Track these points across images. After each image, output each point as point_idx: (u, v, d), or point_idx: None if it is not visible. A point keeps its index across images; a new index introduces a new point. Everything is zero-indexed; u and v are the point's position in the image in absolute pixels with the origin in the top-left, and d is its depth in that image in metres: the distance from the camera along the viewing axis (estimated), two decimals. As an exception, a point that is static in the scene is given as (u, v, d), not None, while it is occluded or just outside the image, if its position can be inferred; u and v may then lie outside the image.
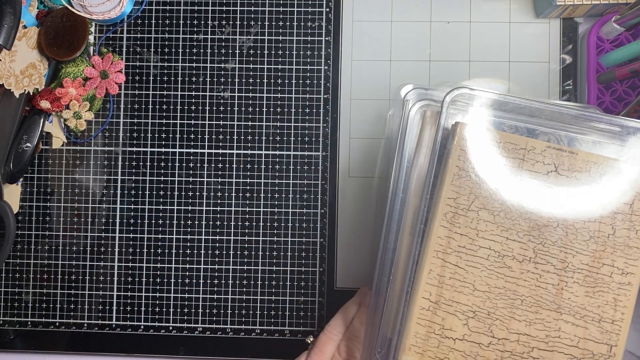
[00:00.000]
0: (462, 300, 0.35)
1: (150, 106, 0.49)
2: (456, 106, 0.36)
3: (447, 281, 0.35)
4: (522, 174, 0.35)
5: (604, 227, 0.35)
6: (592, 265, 0.35)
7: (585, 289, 0.35)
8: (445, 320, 0.34)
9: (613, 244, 0.35)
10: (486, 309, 0.35)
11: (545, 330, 0.34)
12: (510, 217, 0.35)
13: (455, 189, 0.35)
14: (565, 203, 0.35)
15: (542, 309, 0.35)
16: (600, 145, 0.36)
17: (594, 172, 0.35)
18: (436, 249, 0.35)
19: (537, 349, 0.34)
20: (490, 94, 0.35)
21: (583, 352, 0.34)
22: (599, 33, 0.47)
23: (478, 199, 0.35)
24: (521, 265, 0.35)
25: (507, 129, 0.36)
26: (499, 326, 0.34)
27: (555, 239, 0.35)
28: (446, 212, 0.35)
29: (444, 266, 0.35)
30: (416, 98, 0.38)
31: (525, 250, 0.35)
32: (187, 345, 0.48)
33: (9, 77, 0.44)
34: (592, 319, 0.34)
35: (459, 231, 0.35)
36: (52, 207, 0.49)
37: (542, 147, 0.35)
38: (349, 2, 0.49)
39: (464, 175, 0.35)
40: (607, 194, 0.35)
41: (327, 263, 0.48)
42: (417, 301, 0.34)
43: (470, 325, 0.34)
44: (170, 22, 0.49)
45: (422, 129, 0.37)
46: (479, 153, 0.35)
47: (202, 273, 0.48)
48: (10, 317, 0.48)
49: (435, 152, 0.35)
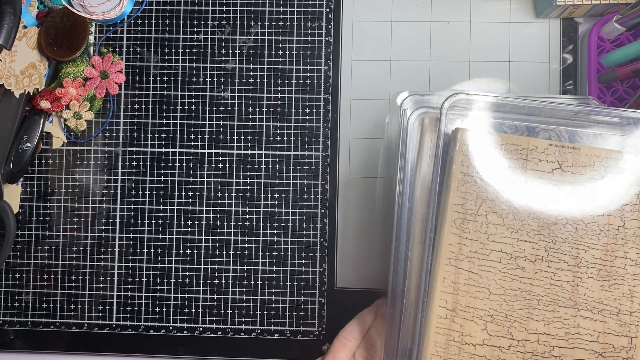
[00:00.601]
0: (478, 306, 0.34)
1: (150, 106, 0.49)
2: (455, 111, 0.36)
3: (462, 288, 0.34)
4: (526, 174, 0.35)
5: (613, 220, 0.35)
6: (605, 258, 0.35)
7: (601, 283, 0.34)
8: (463, 326, 0.34)
9: (624, 236, 0.35)
10: (503, 311, 0.34)
11: (564, 327, 0.34)
12: (519, 218, 0.35)
13: (461, 195, 0.35)
14: (573, 199, 0.35)
15: (559, 307, 0.34)
16: (602, 137, 0.36)
17: (598, 165, 0.35)
18: (448, 257, 0.35)
19: (558, 347, 0.34)
20: (487, 97, 0.35)
21: (604, 346, 0.34)
22: (600, 33, 0.47)
23: (485, 203, 0.35)
24: (534, 265, 0.35)
25: (508, 129, 0.36)
26: (517, 328, 0.34)
27: (565, 236, 0.35)
28: (455, 218, 0.35)
29: (457, 273, 0.35)
30: (413, 106, 0.38)
31: (537, 249, 0.35)
32: (187, 345, 0.48)
33: (9, 77, 0.44)
34: (610, 312, 0.34)
35: (469, 237, 0.35)
36: (52, 207, 0.49)
37: (544, 145, 0.35)
38: (349, 2, 0.49)
39: (468, 180, 0.35)
40: (614, 186, 0.35)
41: (327, 263, 0.48)
42: (434, 310, 0.34)
43: (489, 330, 0.34)
44: (170, 22, 0.49)
45: (421, 137, 0.37)
46: (481, 157, 0.35)
47: (202, 273, 0.48)
48: (10, 317, 0.48)
49: (438, 160, 0.35)
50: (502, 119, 0.36)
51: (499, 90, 0.48)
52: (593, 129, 0.36)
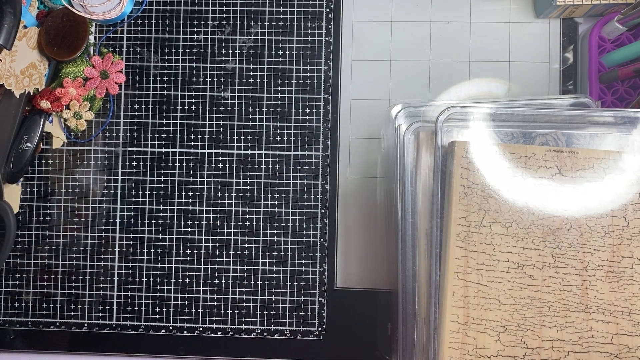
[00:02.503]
0: (490, 317, 0.34)
1: (150, 106, 0.49)
2: (450, 123, 0.36)
3: (472, 301, 0.34)
4: (527, 182, 0.35)
5: (617, 221, 0.35)
6: (612, 260, 0.35)
7: (610, 285, 0.34)
8: (477, 339, 0.34)
9: (629, 236, 0.35)
10: (515, 321, 0.34)
11: (577, 332, 0.34)
12: (523, 227, 0.35)
13: (463, 208, 0.35)
14: (575, 203, 0.35)
15: (570, 312, 0.34)
16: (599, 137, 0.36)
17: (597, 168, 0.35)
18: (456, 271, 0.35)
19: (573, 352, 0.34)
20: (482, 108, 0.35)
21: (619, 347, 0.34)
22: (601, 33, 0.47)
23: (488, 214, 0.35)
24: (542, 272, 0.35)
25: (504, 137, 0.36)
26: (530, 336, 0.34)
27: (571, 241, 0.35)
28: (459, 232, 0.35)
29: (466, 286, 0.35)
30: (408, 120, 0.38)
31: (544, 256, 0.35)
32: (187, 345, 0.48)
33: (9, 77, 0.44)
34: (622, 313, 0.34)
35: (475, 249, 0.35)
36: (52, 207, 0.49)
37: (542, 152, 0.35)
38: (349, 2, 0.49)
39: (470, 192, 0.35)
40: (615, 187, 0.35)
41: (327, 263, 0.48)
42: (446, 325, 0.34)
43: (503, 340, 0.34)
44: (170, 22, 0.49)
45: (418, 151, 0.37)
46: (481, 168, 0.35)
47: (202, 273, 0.48)
48: (10, 317, 0.48)
49: (437, 174, 0.35)
50: (498, 128, 0.36)
51: (499, 91, 0.48)
52: (589, 129, 0.36)
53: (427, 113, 0.39)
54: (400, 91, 0.48)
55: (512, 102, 0.43)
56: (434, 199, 0.35)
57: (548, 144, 0.36)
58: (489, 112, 0.35)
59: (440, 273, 0.35)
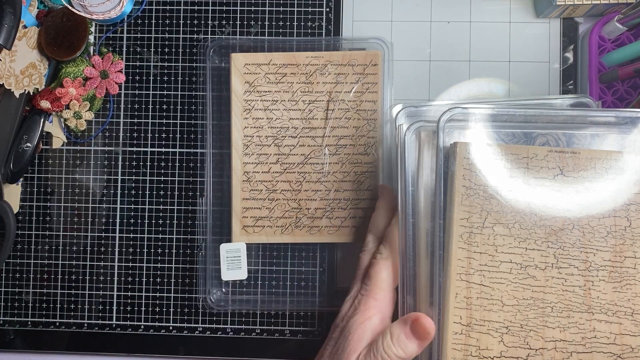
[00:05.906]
0: (493, 318, 0.34)
1: (150, 106, 0.49)
2: (452, 124, 0.36)
3: (474, 302, 0.34)
4: (529, 183, 0.35)
5: (619, 221, 0.35)
6: (615, 260, 0.35)
7: (612, 285, 0.34)
8: (480, 340, 0.34)
9: (631, 236, 0.35)
10: (518, 322, 0.34)
11: (580, 332, 0.34)
12: (525, 227, 0.35)
13: (466, 209, 0.35)
14: (577, 203, 0.35)
15: (573, 312, 0.34)
16: (600, 137, 0.36)
17: (599, 168, 0.35)
18: (458, 272, 0.34)
19: (576, 353, 0.34)
20: (483, 109, 0.35)
21: (622, 347, 0.34)
22: (601, 32, 0.47)
23: (490, 215, 0.35)
24: (545, 272, 0.35)
25: (505, 136, 0.36)
26: (534, 337, 0.34)
27: (573, 241, 0.35)
28: (461, 233, 0.35)
29: (469, 287, 0.34)
30: (409, 120, 0.38)
31: (546, 257, 0.35)
32: (187, 345, 0.48)
33: (9, 77, 0.44)
34: (625, 313, 0.34)
35: (477, 250, 0.35)
36: (52, 207, 0.49)
37: (544, 152, 0.35)
38: (349, 2, 0.49)
39: (472, 193, 0.35)
40: (617, 187, 0.35)
41: (327, 263, 0.48)
42: (449, 327, 0.34)
43: (506, 341, 0.34)
44: (170, 22, 0.49)
45: (419, 151, 0.37)
46: (482, 169, 0.35)
47: (202, 273, 0.48)
48: (10, 317, 0.48)
49: (439, 176, 0.35)
50: (500, 128, 0.36)
51: (499, 91, 0.48)
52: (590, 129, 0.36)
53: (428, 113, 0.39)
54: (400, 91, 0.48)
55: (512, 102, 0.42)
56: (437, 200, 0.35)
57: (549, 144, 0.36)
58: (490, 113, 0.35)
59: (442, 274, 0.35)
